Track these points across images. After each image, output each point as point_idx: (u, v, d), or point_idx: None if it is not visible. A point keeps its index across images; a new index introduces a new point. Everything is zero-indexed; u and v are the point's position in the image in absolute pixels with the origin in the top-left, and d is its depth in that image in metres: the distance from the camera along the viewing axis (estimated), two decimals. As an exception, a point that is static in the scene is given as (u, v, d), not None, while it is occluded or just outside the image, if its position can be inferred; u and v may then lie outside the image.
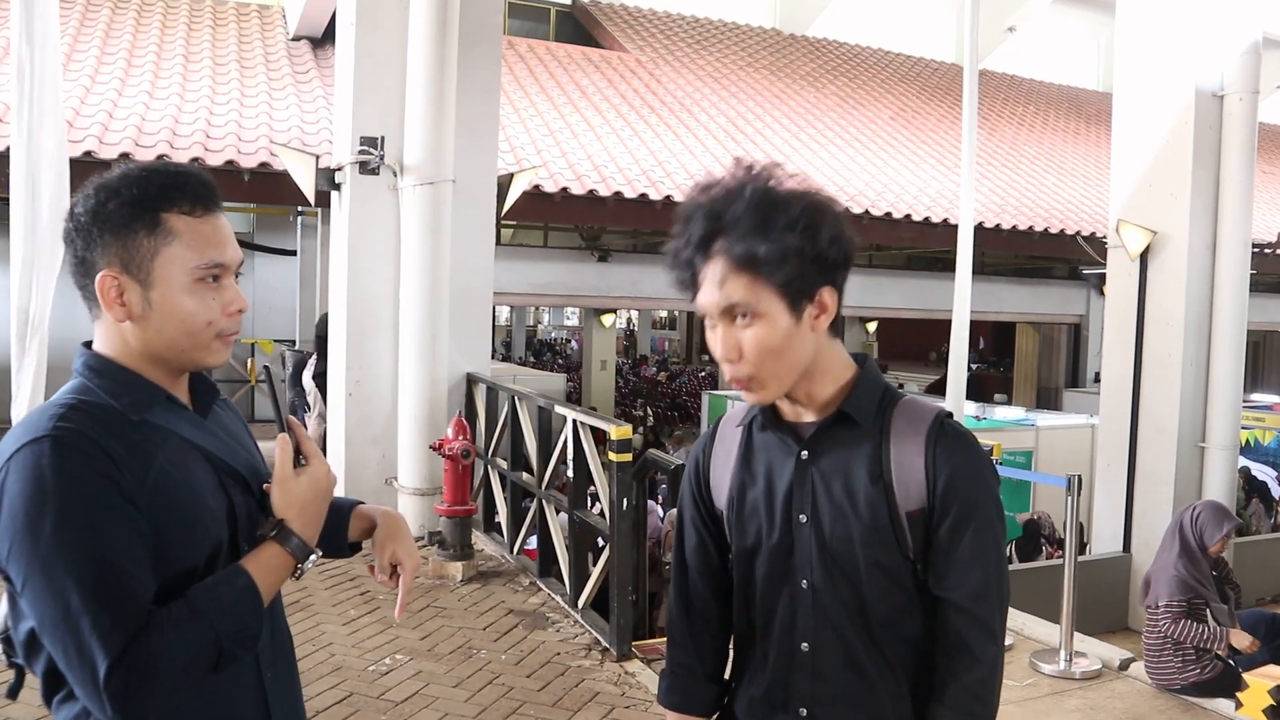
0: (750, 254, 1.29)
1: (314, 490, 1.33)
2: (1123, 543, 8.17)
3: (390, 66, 6.09)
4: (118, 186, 1.25)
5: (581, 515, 4.93)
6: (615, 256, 13.24)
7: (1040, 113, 18.88)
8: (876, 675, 1.38)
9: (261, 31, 12.46)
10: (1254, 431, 11.45)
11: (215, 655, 1.19)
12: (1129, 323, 8.15)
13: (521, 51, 14.42)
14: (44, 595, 1.14)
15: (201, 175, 1.30)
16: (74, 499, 1.15)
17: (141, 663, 1.13)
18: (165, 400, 1.29)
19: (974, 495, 1.35)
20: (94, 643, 1.12)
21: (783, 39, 18.61)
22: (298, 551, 1.29)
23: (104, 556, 1.15)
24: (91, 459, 1.17)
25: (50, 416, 1.20)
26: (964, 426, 1.42)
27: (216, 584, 1.23)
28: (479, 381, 6.44)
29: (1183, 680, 4.42)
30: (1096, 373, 12.95)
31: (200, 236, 1.27)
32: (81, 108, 9.14)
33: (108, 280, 1.24)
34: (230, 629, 1.20)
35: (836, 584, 1.37)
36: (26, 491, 1.15)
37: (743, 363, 1.33)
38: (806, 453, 1.40)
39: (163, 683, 1.15)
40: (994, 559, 1.37)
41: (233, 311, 1.30)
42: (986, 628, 1.36)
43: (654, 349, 29.89)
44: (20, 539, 1.14)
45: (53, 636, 1.15)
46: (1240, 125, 7.81)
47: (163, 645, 1.15)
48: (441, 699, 3.85)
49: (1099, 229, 12.18)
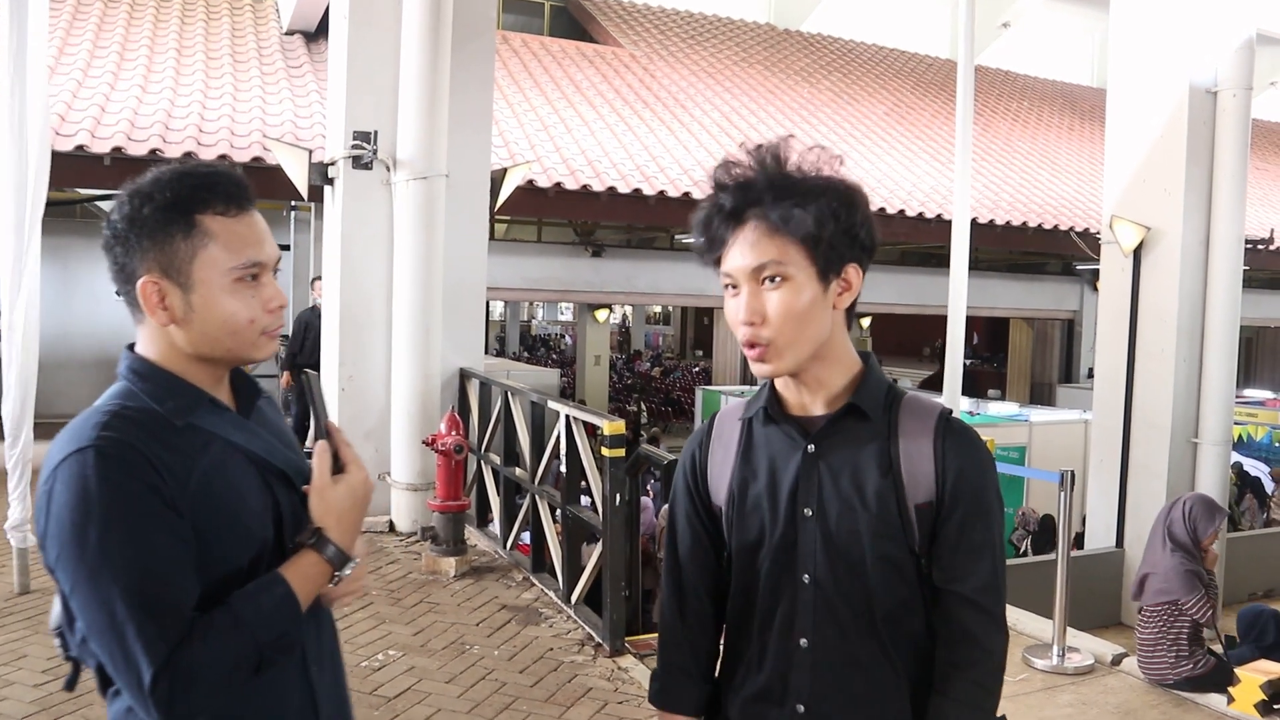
0: (787, 218, 1.30)
1: (351, 498, 1.33)
2: (1115, 538, 8.20)
3: (384, 61, 6.07)
4: (151, 191, 1.26)
5: (574, 510, 4.92)
6: (609, 251, 13.24)
7: (1034, 108, 18.90)
8: (876, 670, 1.37)
9: (255, 25, 12.42)
10: (1246, 427, 11.49)
11: (256, 662, 1.21)
12: (1122, 318, 8.17)
13: (515, 46, 14.39)
14: (90, 603, 1.16)
15: (234, 174, 1.30)
16: (118, 508, 1.16)
17: (185, 670, 1.15)
18: (208, 403, 1.30)
19: (980, 489, 1.37)
20: (139, 651, 1.14)
21: (777, 34, 18.60)
22: (335, 559, 1.30)
23: (148, 565, 1.16)
24: (135, 467, 1.18)
25: (94, 425, 1.21)
26: (966, 423, 1.43)
27: (257, 591, 1.24)
28: (472, 377, 6.43)
29: (1175, 675, 4.43)
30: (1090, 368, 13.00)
31: (236, 236, 1.27)
32: (74, 102, 9.10)
33: (149, 286, 1.26)
34: (270, 636, 1.22)
35: (840, 578, 1.37)
36: (72, 501, 1.16)
37: (765, 326, 1.32)
38: (813, 446, 1.39)
39: (206, 689, 1.17)
40: (998, 552, 1.39)
41: (273, 308, 1.31)
42: (995, 620, 1.37)
43: (648, 344, 29.90)
44: (67, 547, 1.16)
45: (100, 643, 1.17)
46: (1234, 121, 7.83)
47: (206, 653, 1.17)
48: (434, 694, 3.85)
49: (1093, 225, 12.21)
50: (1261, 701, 4.14)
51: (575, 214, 11.39)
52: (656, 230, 13.64)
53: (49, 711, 3.56)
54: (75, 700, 3.59)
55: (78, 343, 11.12)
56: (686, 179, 11.17)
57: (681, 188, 10.86)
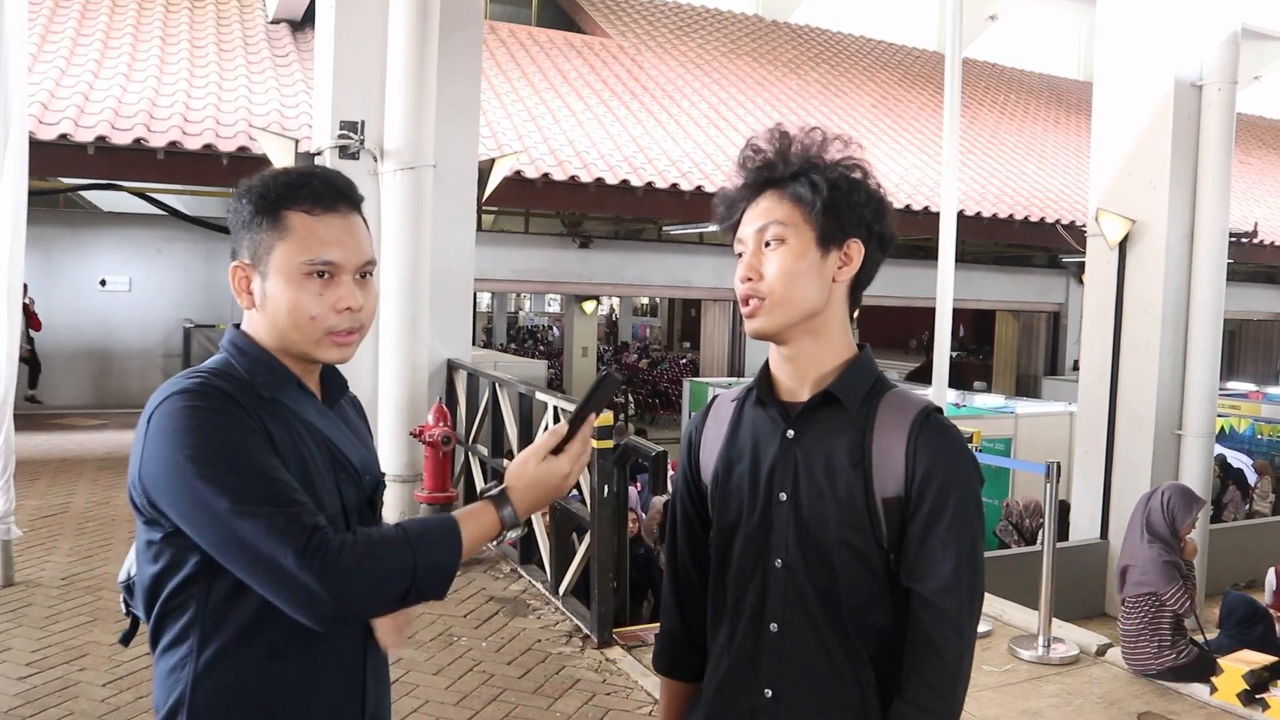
0: (794, 186, 1.38)
1: (546, 477, 1.36)
2: (1100, 529, 8.25)
3: (370, 50, 6.03)
4: (253, 185, 1.36)
5: (562, 502, 4.92)
6: (597, 243, 13.22)
7: (1021, 101, 18.95)
8: (843, 660, 1.37)
9: (240, 14, 12.32)
10: (1230, 419, 11.57)
11: (409, 583, 1.23)
12: (1107, 311, 8.20)
13: (503, 36, 14.33)
14: (212, 520, 1.19)
15: (329, 176, 1.37)
16: (224, 434, 1.23)
17: (346, 557, 1.18)
18: (296, 385, 1.37)
19: (950, 489, 1.34)
20: (274, 542, 1.17)
21: (765, 26, 18.58)
22: (508, 519, 1.34)
23: (262, 471, 1.21)
24: (232, 408, 1.25)
25: (192, 377, 1.29)
26: (950, 421, 1.41)
27: (426, 520, 1.29)
28: (460, 368, 6.41)
29: (1159, 665, 4.47)
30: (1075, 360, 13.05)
31: (313, 233, 1.33)
32: (57, 90, 9.02)
33: (237, 270, 1.36)
34: (429, 561, 1.24)
35: (810, 565, 1.37)
36: (178, 431, 1.22)
37: (761, 281, 1.37)
38: (792, 431, 1.40)
39: (363, 583, 1.19)
40: (966, 554, 1.35)
41: (341, 308, 1.34)
42: (953, 623, 1.33)
43: (635, 336, 29.88)
44: (177, 476, 1.20)
45: (233, 553, 1.19)
46: (1219, 115, 7.86)
47: (366, 549, 1.20)
48: (422, 686, 3.85)
49: (1078, 218, 12.26)
50: (1244, 691, 4.18)
51: (563, 205, 11.36)
52: (644, 222, 13.63)
53: (34, 704, 3.53)
54: (60, 694, 3.57)
55: (60, 333, 11.05)
56: (674, 170, 11.16)
57: (669, 179, 10.85)
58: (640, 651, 4.24)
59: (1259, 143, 20.02)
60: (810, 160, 1.39)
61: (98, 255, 11.52)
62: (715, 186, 10.78)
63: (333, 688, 1.36)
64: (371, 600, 1.22)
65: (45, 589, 4.84)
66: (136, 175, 9.02)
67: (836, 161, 1.39)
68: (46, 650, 4.02)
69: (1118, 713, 4.14)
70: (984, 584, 1.38)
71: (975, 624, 1.37)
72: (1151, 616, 4.53)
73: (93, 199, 12.69)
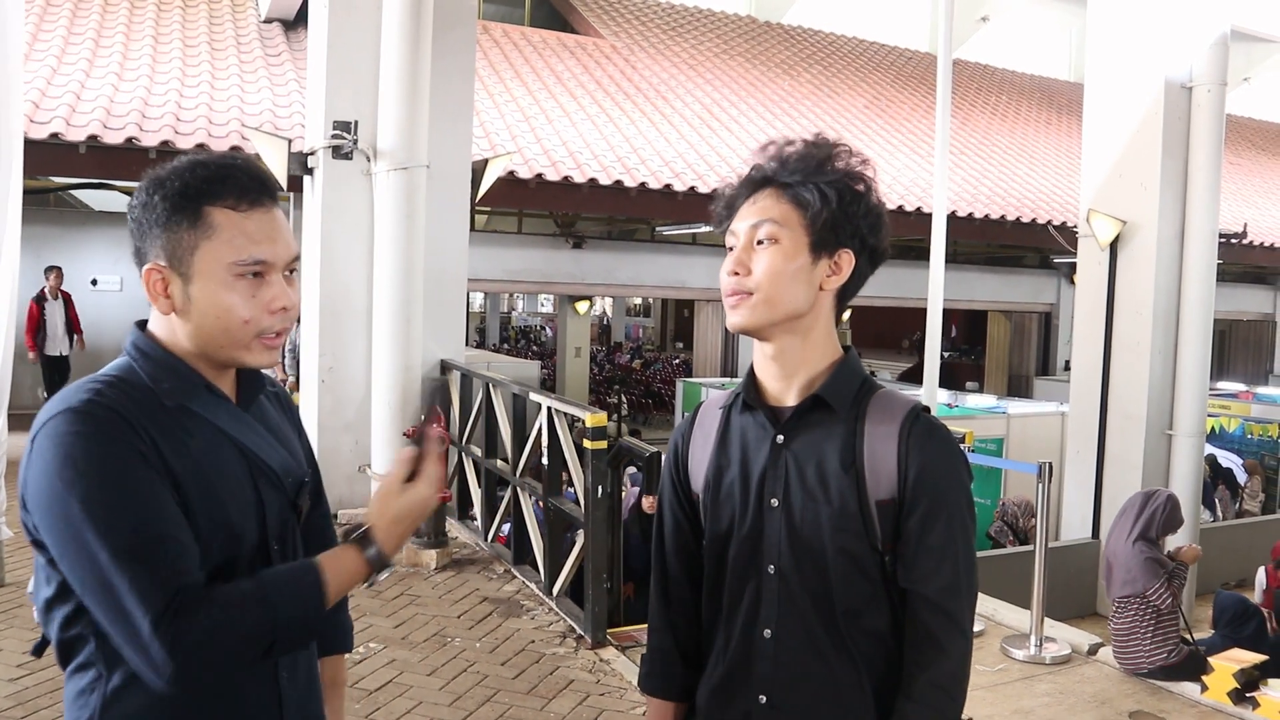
0: (795, 190, 1.37)
1: (409, 510, 1.32)
2: (1092, 529, 8.28)
3: (364, 50, 6.03)
4: (165, 179, 1.26)
5: (556, 503, 4.92)
6: (590, 243, 13.22)
7: (1013, 102, 19.00)
8: (838, 665, 1.37)
9: (233, 13, 12.28)
10: (1220, 419, 11.62)
11: (270, 642, 1.18)
12: (1099, 311, 8.24)
13: (496, 36, 14.32)
14: (79, 561, 1.14)
15: (252, 168, 1.29)
16: (103, 465, 1.15)
17: (199, 627, 1.13)
18: (205, 390, 1.29)
19: (944, 488, 1.35)
20: (133, 602, 1.12)
21: (758, 26, 18.60)
22: (374, 561, 1.28)
23: (138, 519, 1.14)
24: (120, 430, 1.17)
25: (86, 390, 1.20)
26: (939, 420, 1.41)
27: (288, 571, 1.24)
28: (453, 368, 6.41)
29: (1150, 664, 4.49)
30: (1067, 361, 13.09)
31: (242, 231, 1.25)
32: (48, 89, 8.99)
33: (153, 273, 1.26)
34: (291, 617, 1.19)
35: (803, 570, 1.37)
36: (56, 459, 1.15)
37: (747, 276, 1.37)
38: (782, 437, 1.40)
39: (216, 653, 1.15)
40: (963, 552, 1.37)
41: (275, 309, 1.27)
42: (955, 621, 1.35)
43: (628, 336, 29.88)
44: (53, 507, 1.15)
45: (95, 599, 1.15)
46: (1208, 117, 7.91)
47: (222, 615, 1.15)
48: (416, 687, 3.85)
49: (1070, 218, 12.29)
50: (1234, 689, 4.20)
51: (556, 205, 11.36)
52: (637, 222, 13.63)
53: (24, 705, 3.53)
54: (52, 695, 3.56)
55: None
56: (668, 171, 11.17)
57: (662, 179, 10.85)
58: (634, 652, 4.25)
59: (1248, 144, 20.10)
60: (815, 166, 1.38)
61: (89, 255, 11.48)
62: (708, 187, 10.80)
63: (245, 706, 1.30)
64: (229, 663, 1.17)
65: (37, 590, 4.82)
66: (128, 174, 8.98)
67: (842, 171, 1.39)
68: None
69: (1109, 712, 4.16)
70: (977, 577, 1.40)
71: (973, 618, 1.39)
72: (1140, 616, 4.55)
73: (84, 198, 12.64)
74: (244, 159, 1.32)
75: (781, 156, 1.40)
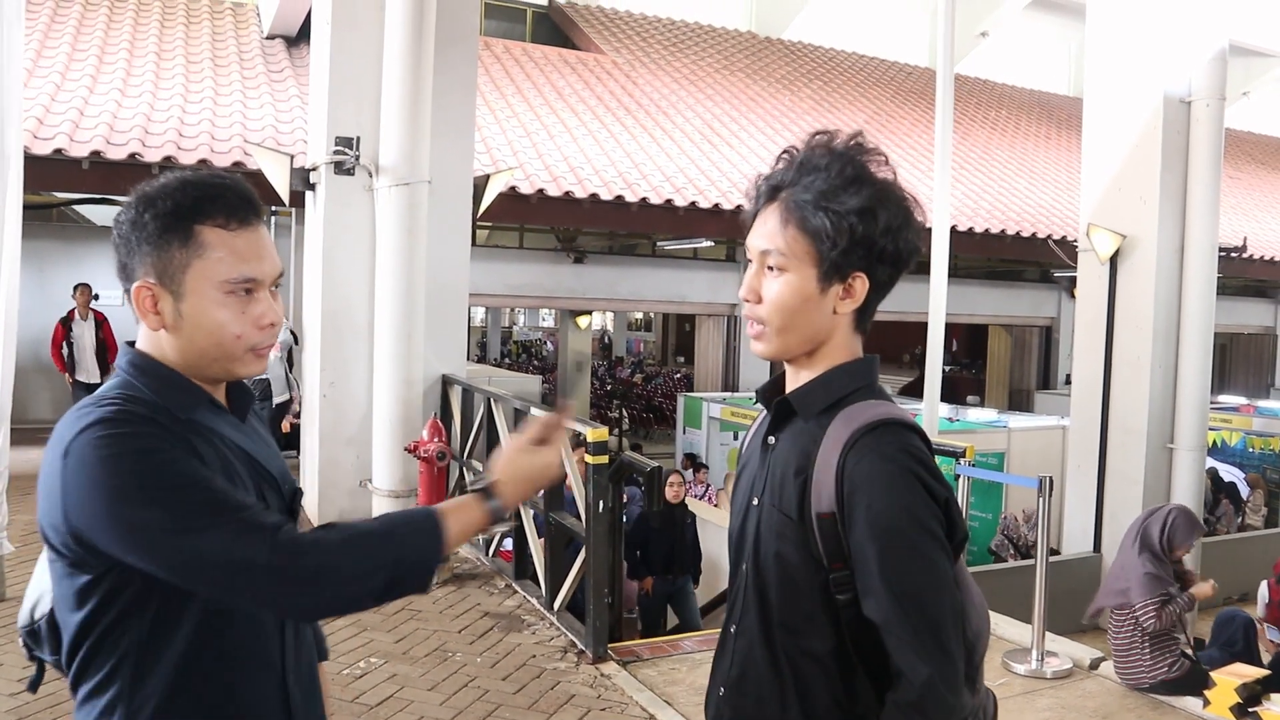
0: (804, 214, 1.32)
1: (535, 470, 1.35)
2: (1093, 543, 8.27)
3: (366, 66, 6.06)
4: (155, 197, 1.27)
5: (557, 517, 4.92)
6: (591, 258, 13.24)
7: (1012, 117, 19.06)
8: (768, 676, 1.36)
9: (235, 29, 12.36)
10: (1221, 432, 11.62)
11: (389, 579, 1.20)
12: (1099, 325, 8.25)
13: (498, 52, 14.39)
14: (167, 542, 1.15)
15: (240, 187, 1.31)
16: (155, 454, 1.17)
17: (322, 549, 1.17)
18: (209, 403, 1.32)
19: (879, 509, 1.26)
20: (239, 546, 1.14)
21: (758, 42, 18.69)
22: (494, 513, 1.31)
23: (205, 483, 1.18)
24: (155, 429, 1.20)
25: (105, 405, 1.22)
26: (897, 436, 1.30)
27: (410, 513, 1.26)
28: (454, 383, 6.42)
29: (1152, 679, 4.48)
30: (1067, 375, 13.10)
31: (233, 250, 1.27)
32: (52, 105, 9.03)
33: (142, 291, 1.27)
34: (412, 555, 1.22)
35: (759, 573, 1.38)
36: (107, 461, 1.15)
37: (759, 305, 1.37)
38: (773, 439, 1.42)
39: (336, 582, 1.18)
40: (910, 576, 1.25)
41: (264, 325, 1.30)
42: (914, 647, 1.24)
43: (629, 351, 29.90)
44: (116, 508, 1.15)
45: (200, 571, 1.16)
46: (1207, 131, 7.94)
47: (344, 546, 1.18)
48: (416, 702, 3.84)
49: (1070, 233, 12.32)
50: (1236, 704, 4.19)
51: (557, 220, 11.39)
52: (639, 237, 13.66)
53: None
54: (53, 710, 3.56)
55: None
56: (668, 186, 11.20)
57: (663, 195, 10.88)
58: (635, 667, 4.24)
59: (1248, 158, 20.15)
60: (837, 187, 1.31)
61: (92, 269, 11.47)
62: (709, 202, 10.83)
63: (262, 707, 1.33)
64: (350, 593, 1.20)
65: (38, 605, 4.81)
66: (131, 190, 8.96)
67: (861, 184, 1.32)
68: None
69: (1111, 726, 4.15)
70: (950, 598, 1.27)
71: (944, 639, 1.25)
72: (1134, 630, 4.54)
73: (87, 213, 12.67)
74: (232, 178, 1.33)
75: (801, 165, 1.34)
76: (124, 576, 1.19)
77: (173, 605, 1.22)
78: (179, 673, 1.23)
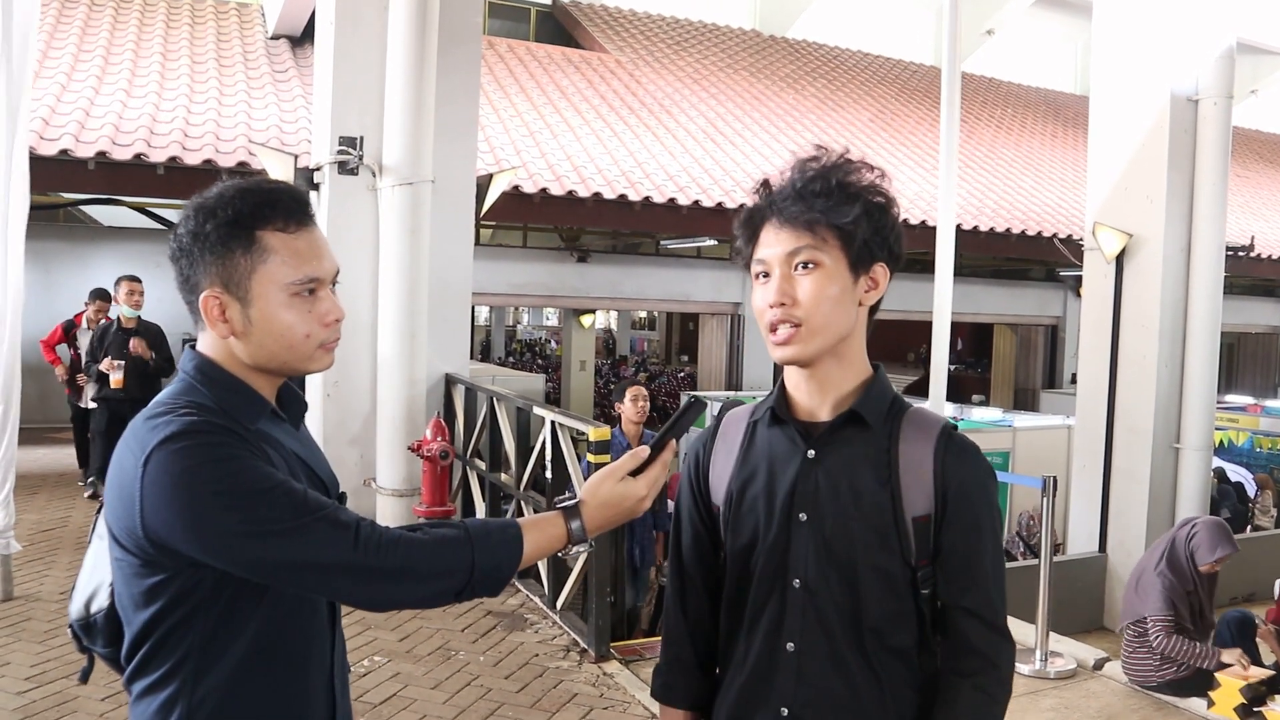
0: (825, 211, 1.35)
1: (621, 498, 1.36)
2: (1098, 543, 8.24)
3: (369, 66, 6.07)
4: (214, 207, 1.29)
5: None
6: (594, 257, 13.23)
7: (1018, 115, 19.01)
8: (861, 681, 1.37)
9: (240, 30, 12.38)
10: (1228, 432, 11.58)
11: (464, 581, 1.24)
12: (1105, 324, 8.22)
13: (501, 52, 14.39)
14: (255, 546, 1.17)
15: (294, 191, 1.34)
16: (236, 462, 1.20)
17: (405, 545, 1.21)
18: (271, 413, 1.35)
19: (981, 504, 1.39)
20: (328, 546, 1.18)
21: (762, 40, 18.66)
22: (575, 533, 1.34)
23: (286, 488, 1.21)
24: (232, 438, 1.23)
25: (178, 414, 1.23)
26: (969, 438, 1.44)
27: (489, 522, 1.30)
28: (458, 382, 6.42)
29: (1157, 679, 4.47)
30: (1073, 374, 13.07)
31: (294, 252, 1.30)
32: (58, 105, 9.05)
33: (210, 300, 1.29)
34: (487, 562, 1.25)
35: (831, 585, 1.37)
36: (190, 471, 1.18)
37: (796, 306, 1.36)
38: (814, 451, 1.40)
39: (414, 576, 1.21)
40: (996, 565, 1.41)
41: (329, 321, 1.34)
42: (1000, 630, 1.39)
43: (633, 349, 29.89)
44: (202, 515, 1.17)
45: (290, 572, 1.19)
46: (1214, 129, 7.90)
47: (425, 547, 1.22)
48: (420, 701, 3.84)
49: (1076, 231, 12.28)
50: (1241, 705, 4.18)
51: (561, 220, 11.38)
52: (642, 236, 13.65)
53: (33, 719, 3.53)
54: (59, 709, 3.56)
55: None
56: (672, 185, 11.19)
57: (667, 194, 10.88)
58: (638, 665, 4.24)
59: (1255, 156, 20.08)
60: (839, 186, 1.38)
61: (98, 270, 11.51)
62: (713, 201, 10.82)
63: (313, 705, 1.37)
64: (427, 591, 1.24)
65: (44, 603, 4.84)
66: (136, 190, 9.04)
67: (868, 186, 1.39)
68: (45, 665, 4.02)
69: (1116, 727, 4.14)
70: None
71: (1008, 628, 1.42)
72: (1142, 636, 4.53)
73: (93, 214, 12.70)
74: (285, 183, 1.38)
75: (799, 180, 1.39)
76: (196, 577, 1.22)
77: (239, 606, 1.25)
78: (240, 671, 1.27)
